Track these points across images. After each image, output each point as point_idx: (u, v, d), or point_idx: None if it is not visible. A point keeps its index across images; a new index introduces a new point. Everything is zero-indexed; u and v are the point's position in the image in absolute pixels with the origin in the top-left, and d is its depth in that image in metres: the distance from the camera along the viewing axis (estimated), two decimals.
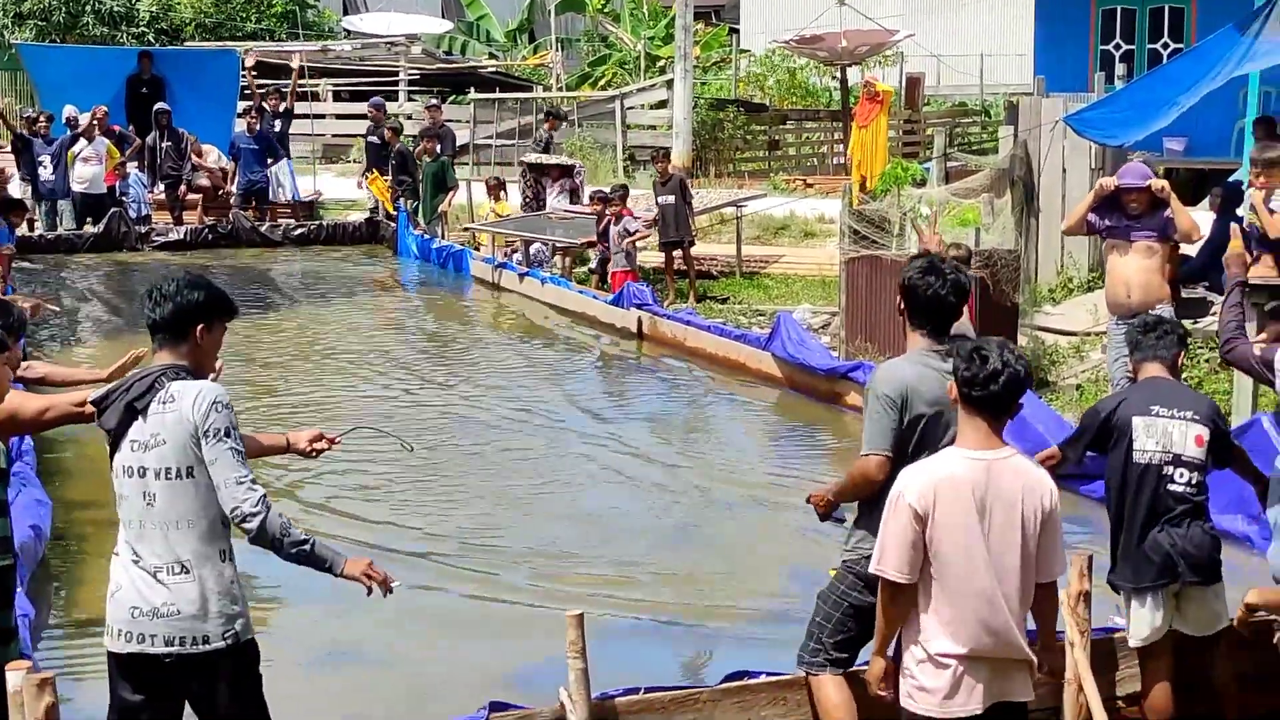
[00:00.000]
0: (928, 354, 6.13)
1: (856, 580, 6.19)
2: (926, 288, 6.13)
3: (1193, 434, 6.65)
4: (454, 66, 40.36)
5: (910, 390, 6.02)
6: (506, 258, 22.12)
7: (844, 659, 6.30)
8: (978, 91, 40.60)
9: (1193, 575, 6.63)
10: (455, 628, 9.10)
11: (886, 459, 6.01)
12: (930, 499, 5.33)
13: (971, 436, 5.45)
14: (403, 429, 13.55)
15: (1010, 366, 5.36)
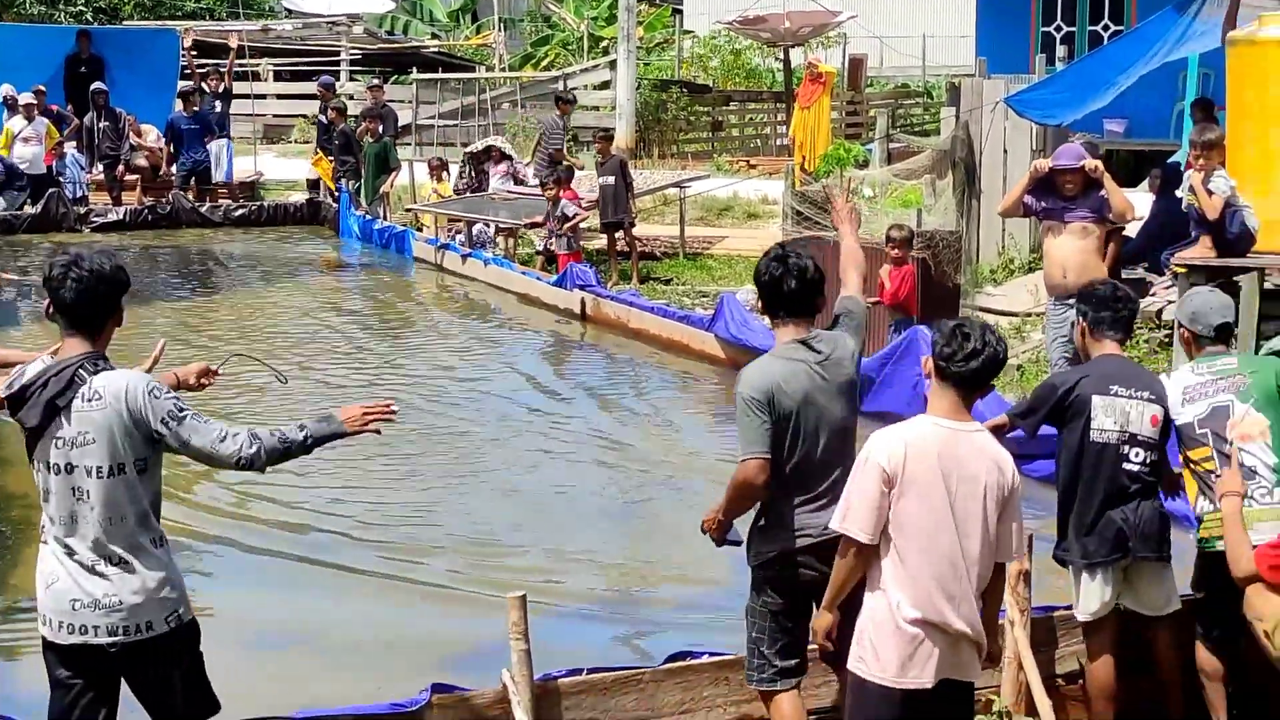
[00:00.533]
0: (795, 345, 6.08)
1: (765, 584, 6.13)
2: (767, 275, 6.12)
3: (1149, 414, 6.67)
4: (396, 46, 40.19)
5: (776, 389, 5.95)
6: (450, 239, 22.05)
7: (791, 666, 6.17)
8: (920, 73, 40.75)
9: (1144, 550, 6.66)
10: (397, 610, 9.06)
11: (765, 460, 5.95)
12: (900, 459, 5.36)
13: (941, 405, 5.51)
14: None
15: (990, 347, 5.43)
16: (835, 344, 6.16)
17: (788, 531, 6.04)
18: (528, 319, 18.31)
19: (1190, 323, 6.93)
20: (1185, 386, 6.76)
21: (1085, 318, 6.94)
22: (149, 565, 5.27)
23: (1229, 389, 6.71)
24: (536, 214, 20.14)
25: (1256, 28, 11.67)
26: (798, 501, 6.03)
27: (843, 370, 6.11)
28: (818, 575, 5.95)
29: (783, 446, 6.00)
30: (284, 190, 27.68)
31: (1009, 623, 6.74)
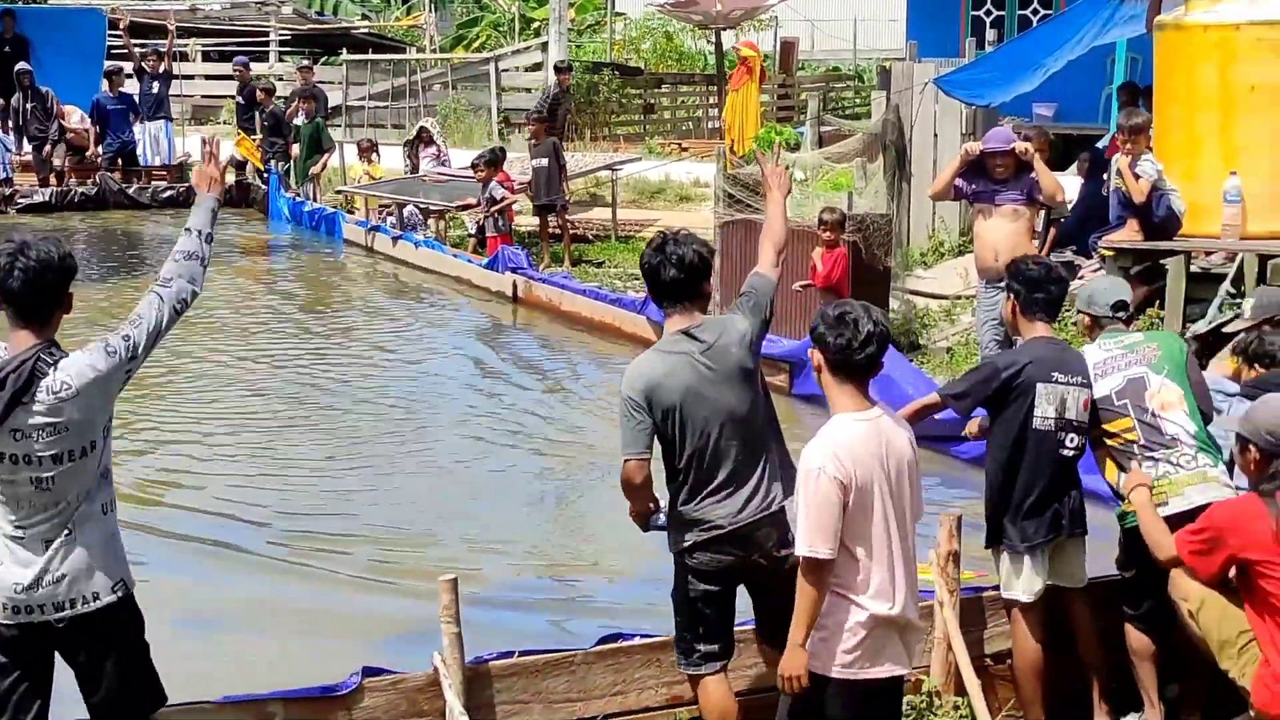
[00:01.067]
0: (678, 337, 6.07)
1: (686, 572, 6.13)
2: (647, 264, 6.14)
3: (1082, 398, 6.72)
4: (326, 27, 39.95)
5: (655, 387, 5.96)
6: (380, 221, 21.93)
7: (716, 651, 6.17)
8: (851, 56, 40.85)
9: (1074, 527, 6.74)
10: (327, 595, 9.02)
11: (642, 461, 5.99)
12: (850, 467, 5.31)
13: (850, 401, 5.47)
14: (275, 393, 13.44)
15: (880, 326, 5.42)
16: (722, 330, 6.12)
17: (694, 525, 6.05)
18: (459, 302, 18.25)
19: (1088, 306, 7.05)
20: (1095, 363, 6.82)
21: (1017, 297, 6.96)
22: (96, 534, 5.23)
23: (1140, 361, 6.79)
24: (469, 196, 20.06)
25: (1183, 12, 11.77)
26: (702, 494, 6.03)
27: (730, 356, 6.05)
28: (733, 560, 6.01)
29: (673, 442, 6.02)
30: None
31: (938, 604, 6.78)
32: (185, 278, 5.42)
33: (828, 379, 5.52)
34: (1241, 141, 11.26)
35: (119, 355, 5.19)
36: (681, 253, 6.09)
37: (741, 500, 6.03)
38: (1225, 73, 11.21)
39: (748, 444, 6.04)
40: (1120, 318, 7.01)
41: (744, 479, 6.00)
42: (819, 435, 5.45)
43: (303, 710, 5.96)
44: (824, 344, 5.44)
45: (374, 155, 23.40)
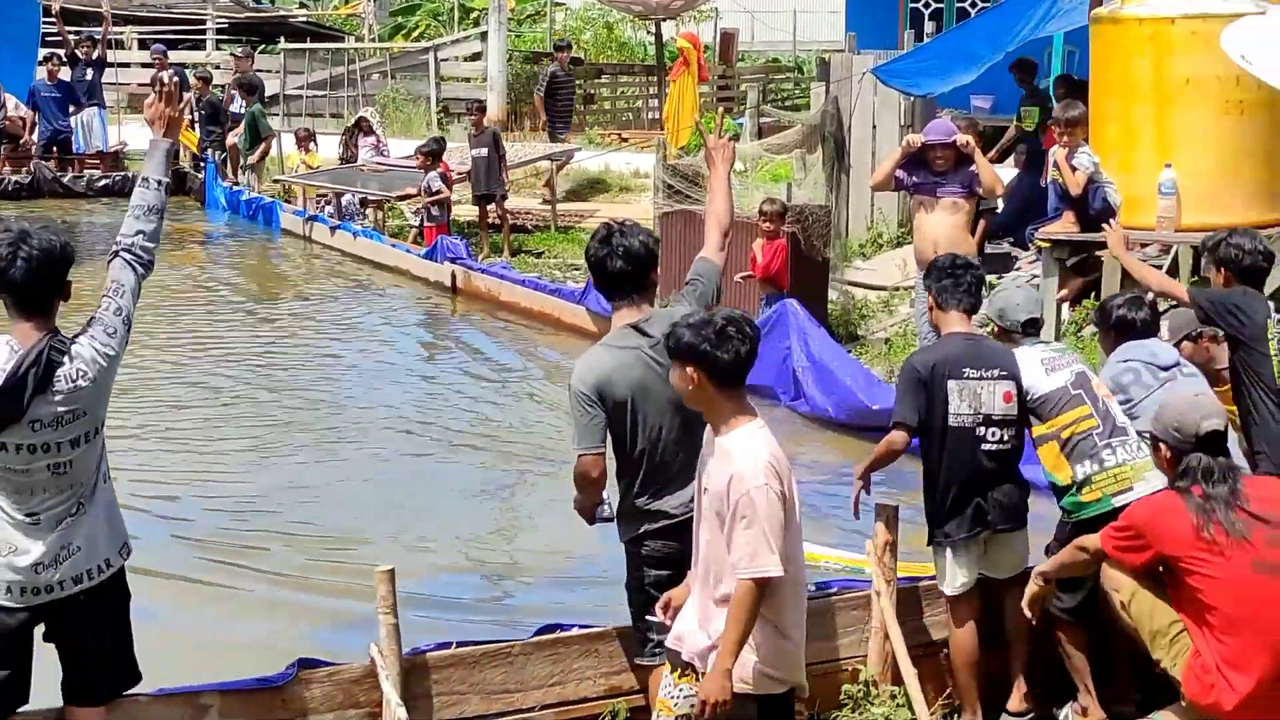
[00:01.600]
0: (627, 331, 6.07)
1: (639, 561, 6.15)
2: (594, 256, 6.12)
3: (1000, 391, 6.73)
4: (263, 15, 39.64)
5: (606, 382, 5.96)
6: (318, 210, 21.81)
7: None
8: (791, 48, 40.93)
9: (1003, 523, 6.74)
10: (262, 587, 8.99)
11: (598, 455, 5.98)
12: (785, 477, 5.24)
13: (743, 412, 5.33)
14: (206, 384, 13.31)
15: (753, 334, 5.29)
16: (669, 322, 6.03)
17: (645, 517, 6.07)
18: (397, 292, 18.18)
19: (999, 318, 7.05)
20: (1041, 358, 6.82)
21: (931, 291, 7.02)
22: (101, 504, 5.33)
23: (1077, 360, 6.89)
24: (408, 186, 19.98)
25: (1119, 5, 11.84)
26: (654, 487, 6.05)
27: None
28: (679, 548, 5.99)
29: (624, 437, 6.02)
30: None
31: (875, 593, 6.81)
32: (147, 234, 5.45)
33: (712, 393, 5.29)
34: (1176, 134, 11.34)
35: (119, 333, 5.28)
36: (628, 244, 6.07)
37: (693, 490, 6.02)
38: (1160, 66, 11.29)
39: (698, 435, 6.04)
40: (1031, 335, 7.01)
41: (691, 473, 6.01)
42: (744, 449, 5.24)
43: (238, 702, 5.92)
44: (710, 359, 5.22)
45: (311, 144, 23.26)
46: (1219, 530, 5.63)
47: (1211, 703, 5.67)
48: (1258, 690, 5.58)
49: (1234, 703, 5.59)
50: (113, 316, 5.28)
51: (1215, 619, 5.64)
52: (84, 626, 5.35)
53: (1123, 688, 6.79)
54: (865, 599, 6.88)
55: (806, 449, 11.66)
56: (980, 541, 6.79)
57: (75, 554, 5.23)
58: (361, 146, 22.63)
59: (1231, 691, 5.60)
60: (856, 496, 6.90)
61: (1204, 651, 5.69)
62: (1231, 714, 5.62)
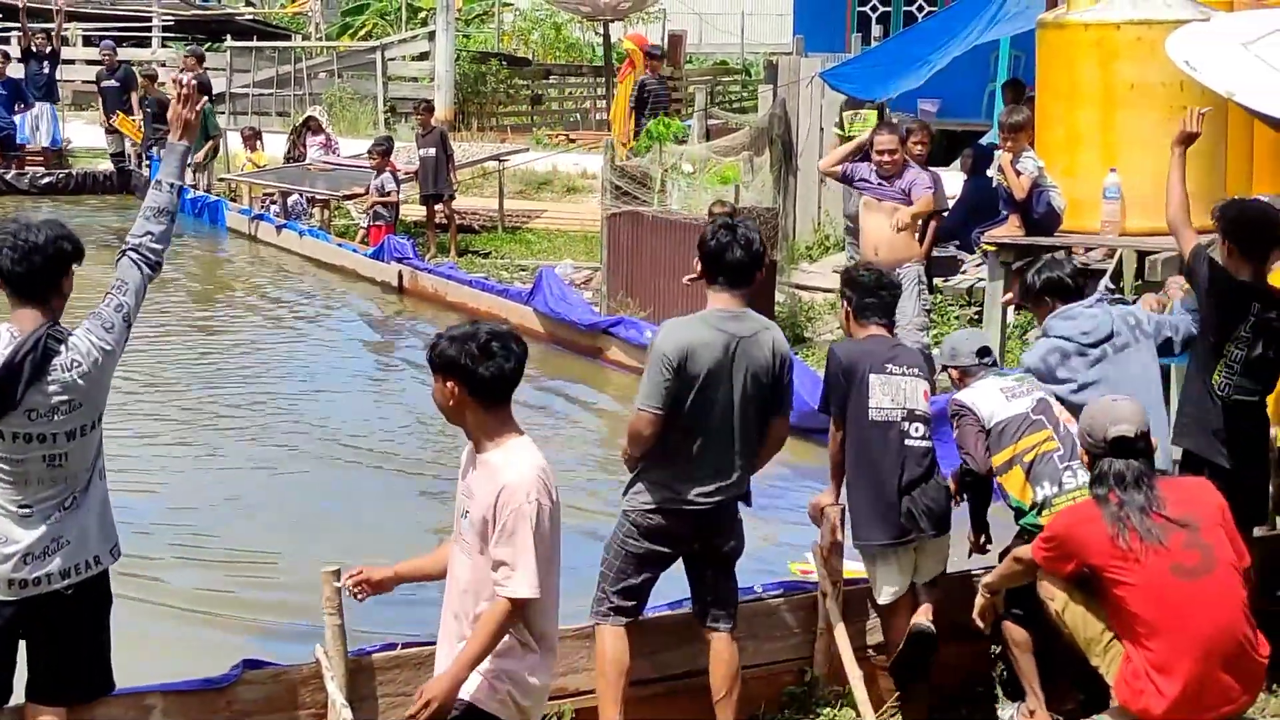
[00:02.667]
0: (723, 313, 6.21)
1: (633, 528, 6.28)
2: (714, 241, 6.22)
3: (921, 388, 6.79)
4: (209, 13, 39.45)
5: (690, 352, 6.08)
6: (264, 209, 21.70)
7: (628, 607, 6.32)
8: (738, 50, 41.00)
9: (932, 529, 6.76)
10: (206, 585, 8.94)
11: (656, 416, 6.08)
12: (554, 492, 5.09)
13: (509, 426, 5.16)
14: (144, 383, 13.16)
15: (519, 351, 5.08)
16: (764, 329, 6.30)
17: (661, 488, 6.21)
18: (343, 292, 18.10)
19: (952, 360, 7.07)
20: (1001, 387, 6.82)
21: (850, 303, 7.04)
22: (95, 499, 5.33)
23: (1037, 387, 6.86)
24: (355, 185, 19.91)
25: (1065, 11, 11.91)
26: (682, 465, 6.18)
27: (760, 356, 6.22)
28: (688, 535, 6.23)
29: (683, 408, 6.12)
30: (93, 158, 27.01)
31: (821, 594, 6.83)
32: (155, 235, 5.47)
33: (473, 409, 5.08)
34: (1121, 139, 11.39)
35: (117, 328, 5.29)
36: (752, 237, 6.24)
37: (714, 485, 6.20)
38: (1105, 71, 11.34)
39: (738, 438, 6.19)
40: (986, 363, 7.02)
41: (725, 467, 6.18)
42: (512, 463, 5.03)
43: (182, 703, 5.88)
44: (470, 374, 5.00)
45: (258, 143, 23.14)
46: (1134, 537, 5.66)
47: (1142, 708, 5.70)
48: (1185, 694, 5.61)
49: (1163, 707, 5.63)
50: (113, 312, 5.30)
51: (1140, 625, 5.68)
52: (65, 624, 5.31)
53: (1064, 690, 6.82)
54: (811, 600, 6.90)
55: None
56: (911, 550, 6.82)
57: (65, 547, 5.22)
58: (310, 145, 22.53)
59: (1160, 696, 5.63)
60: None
61: (1133, 657, 5.72)
62: (1161, 718, 5.65)
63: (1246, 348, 6.98)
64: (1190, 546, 5.66)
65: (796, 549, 8.52)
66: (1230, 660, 5.65)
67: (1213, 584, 5.67)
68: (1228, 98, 7.14)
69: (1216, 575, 5.69)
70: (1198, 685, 5.60)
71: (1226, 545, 5.74)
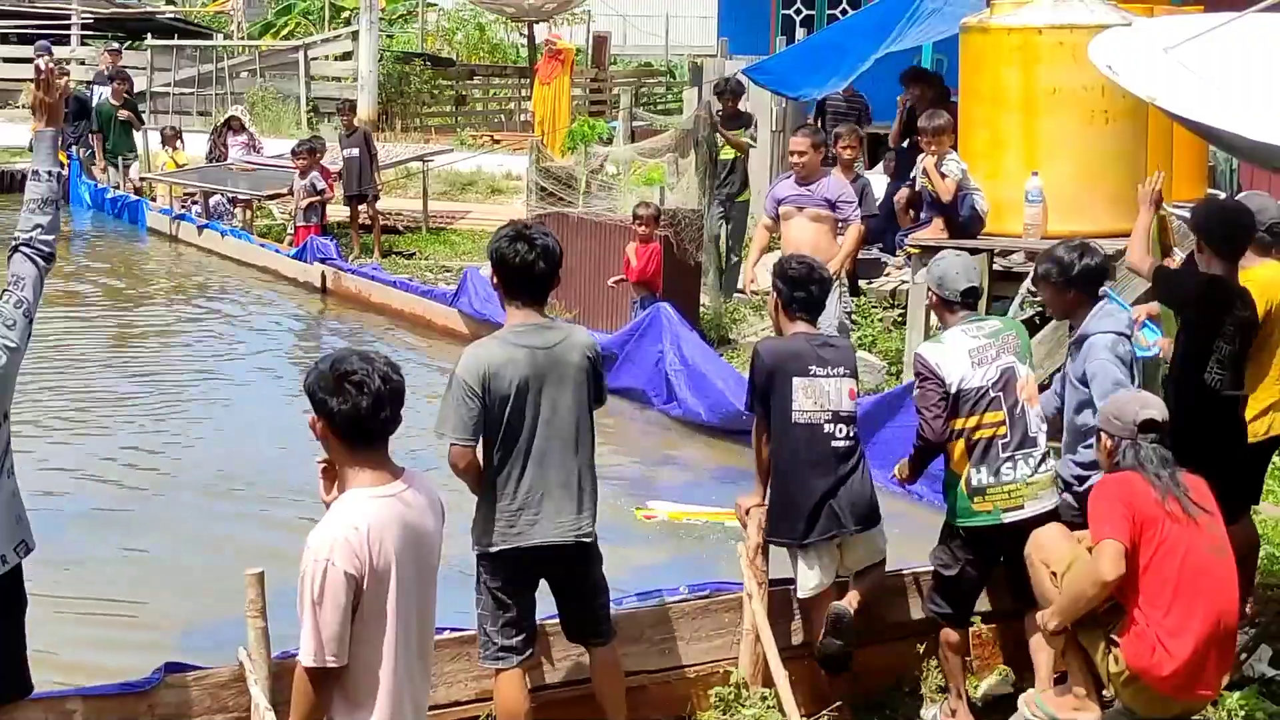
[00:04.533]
0: (524, 329, 6.04)
1: (485, 565, 6.14)
2: (516, 258, 6.00)
3: (846, 388, 6.78)
4: (130, 11, 39.09)
5: (492, 376, 5.90)
6: (185, 209, 21.49)
7: (516, 644, 6.15)
8: (663, 52, 41.07)
9: (857, 525, 6.77)
10: (127, 587, 8.84)
11: (468, 447, 5.94)
12: (364, 557, 4.44)
13: (367, 474, 4.56)
14: (64, 391, 12.98)
15: (391, 383, 4.54)
16: (569, 334, 6.17)
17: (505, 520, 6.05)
18: (265, 293, 17.96)
19: (938, 287, 6.94)
20: (970, 349, 6.70)
21: (780, 294, 7.01)
22: (2, 496, 5.18)
23: (1007, 349, 6.74)
24: (279, 185, 19.76)
25: (988, 15, 12.00)
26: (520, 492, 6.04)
27: (570, 362, 6.08)
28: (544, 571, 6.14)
29: (498, 435, 5.98)
30: (11, 156, 26.68)
31: (746, 596, 6.83)
32: (44, 227, 5.36)
33: (337, 448, 4.59)
34: (1043, 142, 11.49)
35: (19, 325, 5.16)
36: (551, 246, 6.06)
37: (558, 521, 6.07)
38: (1028, 75, 11.43)
39: (567, 448, 6.06)
40: (970, 304, 6.95)
41: (563, 482, 6.05)
42: (328, 516, 4.53)
43: (103, 707, 5.81)
44: (325, 409, 4.52)
45: (178, 143, 22.94)
46: (1177, 505, 5.86)
47: (1147, 665, 5.86)
48: (1191, 662, 5.84)
49: (1171, 668, 5.84)
50: (13, 309, 5.18)
51: (1164, 589, 5.84)
52: None
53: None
54: (737, 601, 6.91)
55: (679, 452, 11.71)
56: (834, 546, 6.83)
57: None
58: (232, 145, 22.36)
59: (1170, 658, 5.82)
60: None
61: (1146, 622, 5.87)
62: (1166, 679, 5.86)
63: (1231, 341, 7.04)
64: (1213, 530, 5.93)
65: (725, 553, 8.54)
66: (1224, 645, 5.94)
67: (1228, 569, 5.99)
68: (1149, 102, 7.21)
69: (1228, 563, 6.00)
70: (1201, 658, 5.84)
71: (1228, 542, 6.01)
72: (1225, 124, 6.52)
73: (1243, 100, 6.75)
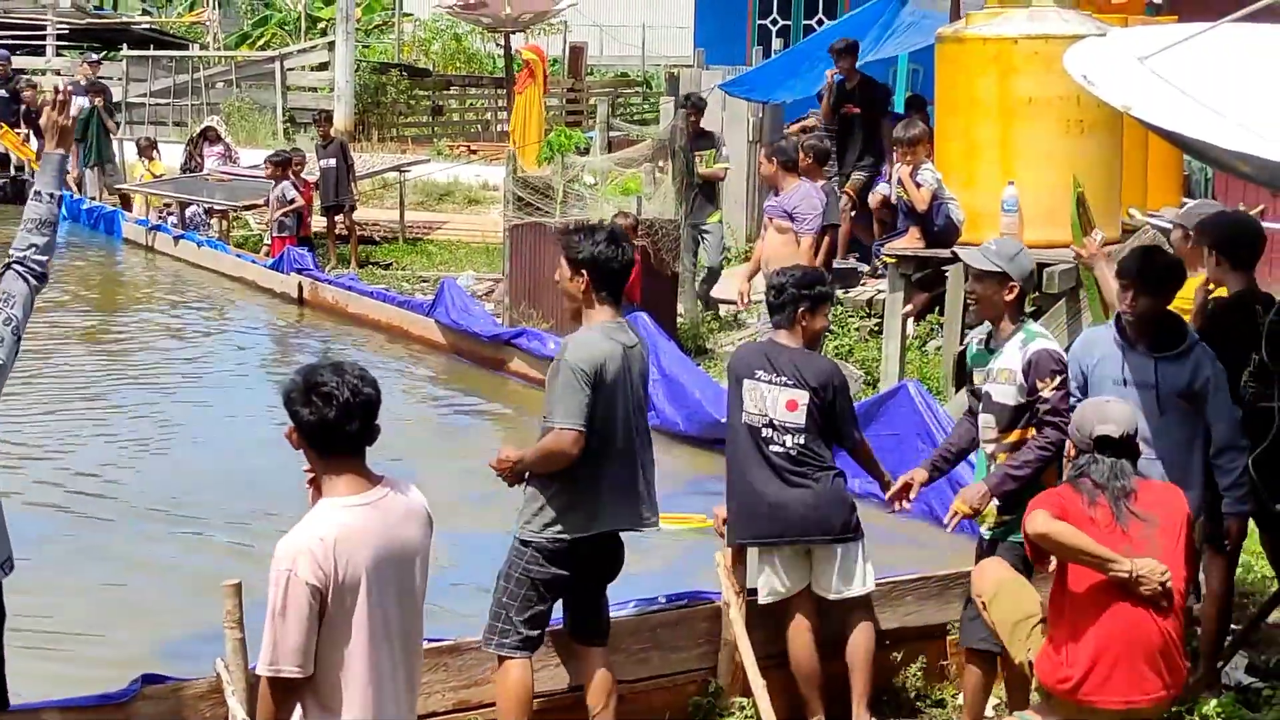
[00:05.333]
0: (614, 325, 6.19)
1: (536, 554, 6.19)
2: (605, 256, 6.14)
3: (785, 399, 6.70)
4: (105, 22, 38.97)
5: (604, 365, 6.04)
6: (161, 220, 21.44)
7: (535, 637, 6.25)
8: (640, 63, 41.09)
9: (806, 534, 6.72)
10: (105, 602, 8.79)
11: (581, 434, 6.00)
12: (329, 567, 4.40)
13: (343, 483, 4.54)
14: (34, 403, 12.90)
15: (362, 395, 4.50)
16: (641, 338, 6.37)
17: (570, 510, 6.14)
18: (242, 304, 17.91)
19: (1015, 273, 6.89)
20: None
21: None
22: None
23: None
24: (255, 196, 19.72)
25: (963, 25, 12.04)
26: (591, 483, 6.14)
27: (643, 361, 6.32)
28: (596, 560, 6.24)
29: (594, 423, 6.07)
30: None
31: (724, 604, 6.83)
32: (39, 248, 5.36)
33: (311, 457, 4.58)
34: (1019, 152, 11.53)
35: (7, 341, 5.18)
36: (627, 246, 6.24)
37: (628, 510, 6.23)
38: (1003, 85, 11.47)
39: (644, 442, 6.26)
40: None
41: (634, 475, 6.22)
42: (297, 526, 4.50)
43: (81, 719, 5.80)
44: (298, 421, 4.53)
45: (154, 153, 22.89)
46: (1104, 512, 5.82)
47: (1052, 682, 5.86)
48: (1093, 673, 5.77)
49: (1071, 683, 5.79)
50: (1, 326, 5.19)
51: (1073, 596, 5.83)
52: None
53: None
54: (715, 610, 6.91)
55: (659, 464, 11.68)
56: (800, 554, 6.81)
57: None
58: (207, 156, 22.30)
59: (1069, 668, 5.80)
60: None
61: (1054, 635, 5.88)
62: (1069, 690, 5.81)
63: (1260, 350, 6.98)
64: (1145, 539, 5.82)
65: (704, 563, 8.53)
66: (1150, 653, 5.80)
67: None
68: (1124, 111, 7.23)
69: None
70: (1108, 668, 5.76)
71: (1176, 552, 5.88)
72: (1199, 133, 6.54)
73: (1217, 110, 6.78)
